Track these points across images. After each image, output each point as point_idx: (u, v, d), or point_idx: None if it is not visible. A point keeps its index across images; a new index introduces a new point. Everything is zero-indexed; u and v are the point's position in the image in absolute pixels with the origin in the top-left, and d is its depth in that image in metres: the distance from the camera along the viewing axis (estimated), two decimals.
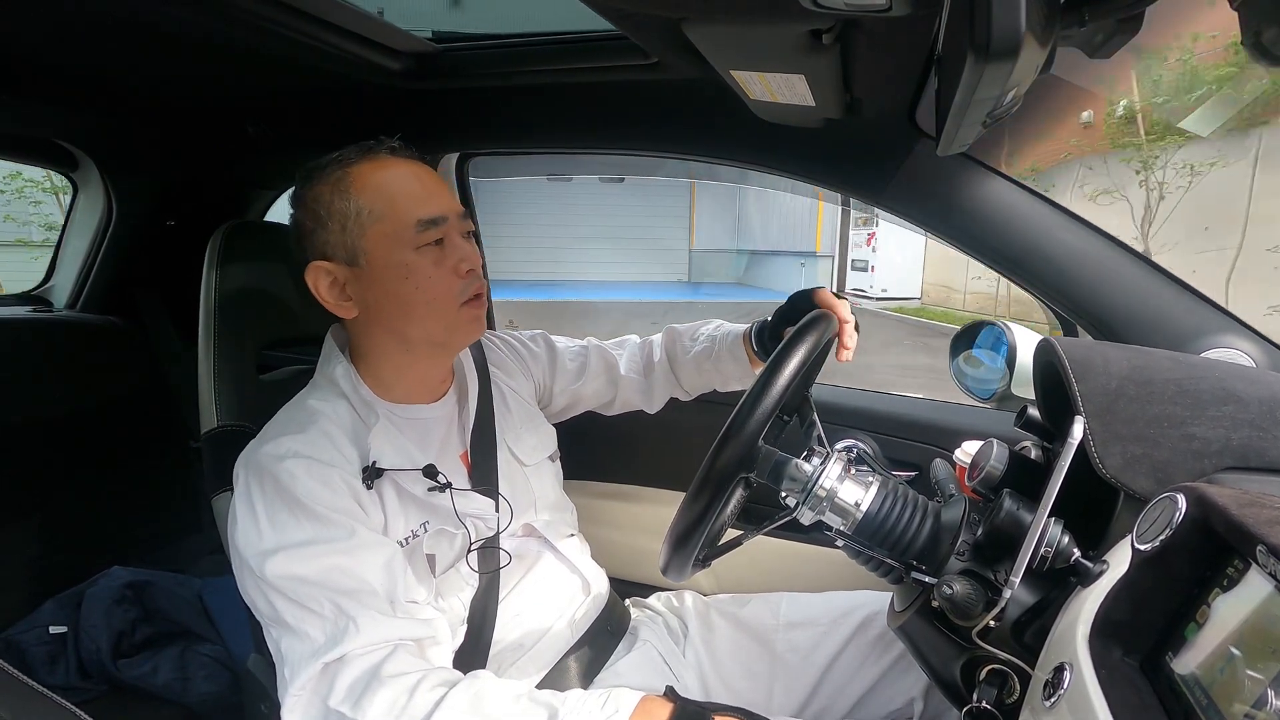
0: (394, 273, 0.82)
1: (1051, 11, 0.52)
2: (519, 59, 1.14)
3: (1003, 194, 1.02)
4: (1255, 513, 0.46)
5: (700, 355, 1.08)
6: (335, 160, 0.84)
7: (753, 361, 1.05)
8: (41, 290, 1.78)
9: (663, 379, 1.14)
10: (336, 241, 0.82)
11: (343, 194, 0.82)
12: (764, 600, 1.06)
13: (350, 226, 0.81)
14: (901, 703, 0.95)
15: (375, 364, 0.89)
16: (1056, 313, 1.10)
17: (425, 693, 0.69)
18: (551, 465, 1.07)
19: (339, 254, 0.82)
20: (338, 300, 0.84)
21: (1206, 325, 0.95)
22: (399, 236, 0.81)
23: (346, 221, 0.81)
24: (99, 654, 1.34)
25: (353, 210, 0.81)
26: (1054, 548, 0.60)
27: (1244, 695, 0.42)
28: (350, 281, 0.83)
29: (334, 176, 0.83)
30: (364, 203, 0.81)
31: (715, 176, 10.64)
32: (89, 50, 1.05)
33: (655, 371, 1.13)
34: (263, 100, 1.31)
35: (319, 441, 0.80)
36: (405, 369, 0.90)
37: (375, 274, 0.82)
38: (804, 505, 0.71)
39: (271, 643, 0.75)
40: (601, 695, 0.72)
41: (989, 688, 0.64)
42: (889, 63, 0.83)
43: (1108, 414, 0.65)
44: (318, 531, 0.75)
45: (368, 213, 0.81)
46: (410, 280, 0.82)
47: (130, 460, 1.67)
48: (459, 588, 0.88)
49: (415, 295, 0.82)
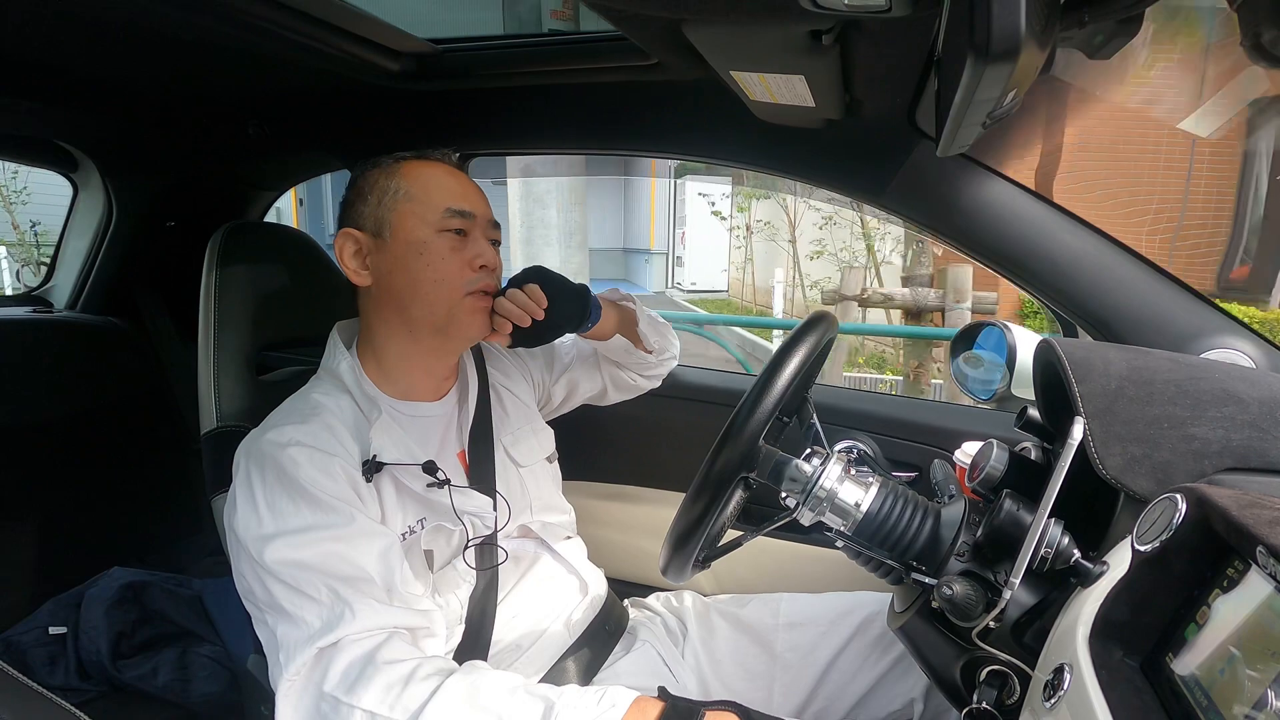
0: (411, 248, 0.87)
1: (1051, 12, 0.52)
2: (519, 59, 1.14)
3: (1002, 195, 1.02)
4: (1255, 513, 0.46)
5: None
6: (395, 155, 0.93)
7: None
8: (42, 291, 1.78)
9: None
10: (369, 213, 0.89)
11: (390, 175, 0.90)
12: (764, 601, 1.06)
13: (385, 201, 0.89)
14: (901, 704, 0.94)
15: (381, 350, 0.91)
16: (1057, 313, 1.10)
17: (420, 682, 0.69)
18: (549, 467, 1.07)
19: (368, 224, 0.89)
20: (357, 268, 0.90)
21: (1206, 326, 0.95)
22: (424, 217, 0.88)
23: (384, 197, 0.89)
24: (99, 655, 1.34)
25: (392, 188, 0.89)
26: (1054, 548, 0.60)
27: (1244, 696, 0.42)
28: (371, 251, 0.89)
29: (388, 164, 0.92)
30: (404, 185, 0.89)
31: (604, 172, 10.37)
32: (89, 51, 1.05)
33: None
34: (263, 100, 1.31)
35: (321, 433, 0.81)
36: (409, 358, 0.91)
37: (394, 246, 0.88)
38: (804, 506, 0.71)
39: (266, 630, 0.75)
40: (598, 691, 0.72)
41: (989, 689, 0.64)
42: (889, 63, 0.83)
43: (1108, 415, 0.65)
44: (317, 518, 0.75)
45: (404, 193, 0.89)
46: (423, 258, 0.87)
47: (130, 461, 1.67)
48: (456, 584, 0.88)
49: (424, 272, 0.87)
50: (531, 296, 0.91)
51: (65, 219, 1.76)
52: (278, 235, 1.19)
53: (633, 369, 1.15)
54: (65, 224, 1.76)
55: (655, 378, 1.20)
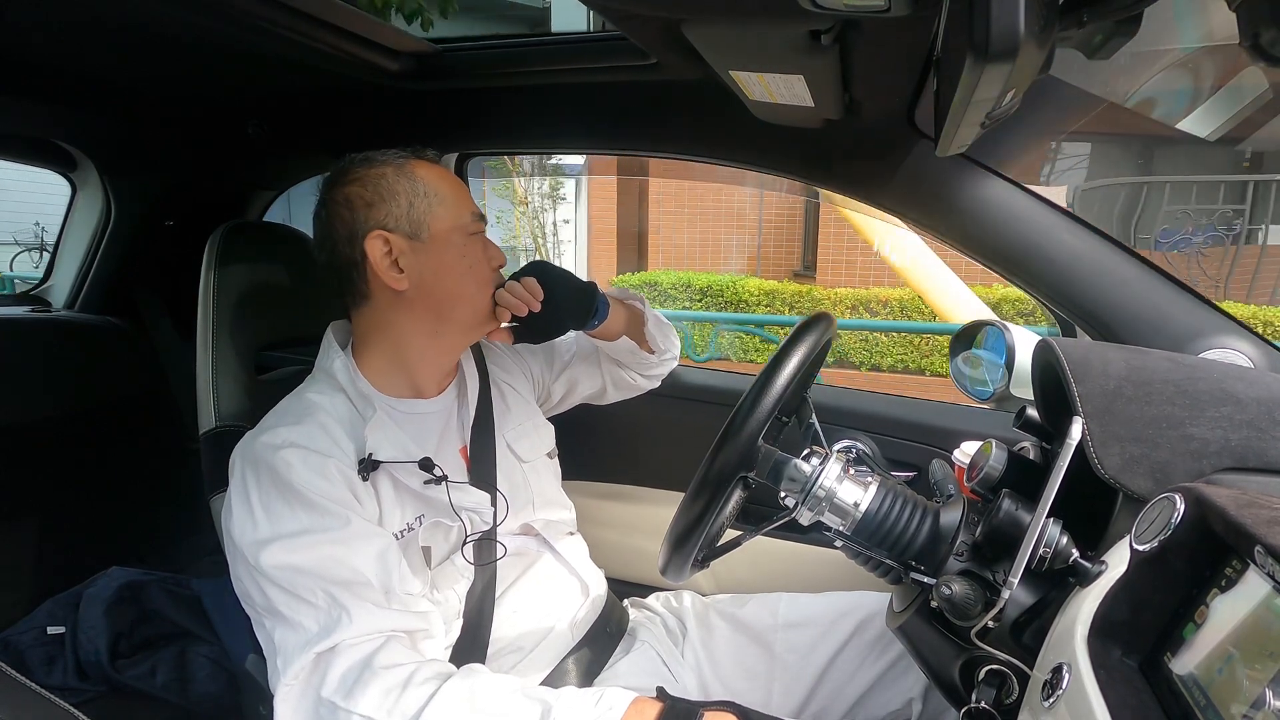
0: (455, 250, 0.89)
1: (1050, 12, 0.52)
2: (518, 59, 1.14)
3: (1001, 195, 1.02)
4: (1253, 513, 0.46)
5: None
6: (391, 152, 0.91)
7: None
8: (40, 290, 1.78)
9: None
10: (401, 215, 0.87)
11: (407, 177, 0.89)
12: (763, 601, 1.06)
13: (417, 203, 0.88)
14: (900, 703, 0.95)
15: (398, 351, 0.90)
16: (1056, 313, 1.10)
17: (418, 686, 0.69)
18: (550, 463, 1.07)
19: (401, 226, 0.87)
20: (389, 270, 0.87)
21: (1205, 326, 0.95)
22: (458, 221, 0.90)
23: (414, 199, 0.88)
24: (97, 655, 1.34)
25: (420, 190, 0.88)
26: (1053, 548, 0.60)
27: (1242, 696, 0.42)
28: (406, 253, 0.87)
29: (395, 163, 0.90)
30: (429, 187, 0.89)
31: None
32: (88, 51, 1.05)
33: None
34: (262, 100, 1.31)
35: (315, 433, 0.81)
36: (427, 353, 0.92)
37: (436, 248, 0.88)
38: (803, 505, 0.71)
39: (264, 634, 0.75)
40: (596, 693, 0.72)
41: (988, 688, 0.64)
42: (888, 63, 0.83)
43: (1106, 415, 0.65)
44: (313, 521, 0.75)
45: (435, 195, 0.89)
46: (465, 260, 0.90)
47: (128, 461, 1.67)
48: (454, 580, 0.88)
49: (469, 273, 0.90)
50: (528, 289, 0.92)
51: (64, 218, 1.75)
52: (276, 235, 1.19)
53: (634, 369, 1.15)
54: (64, 223, 1.76)
55: (655, 378, 1.20)
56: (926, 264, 3.51)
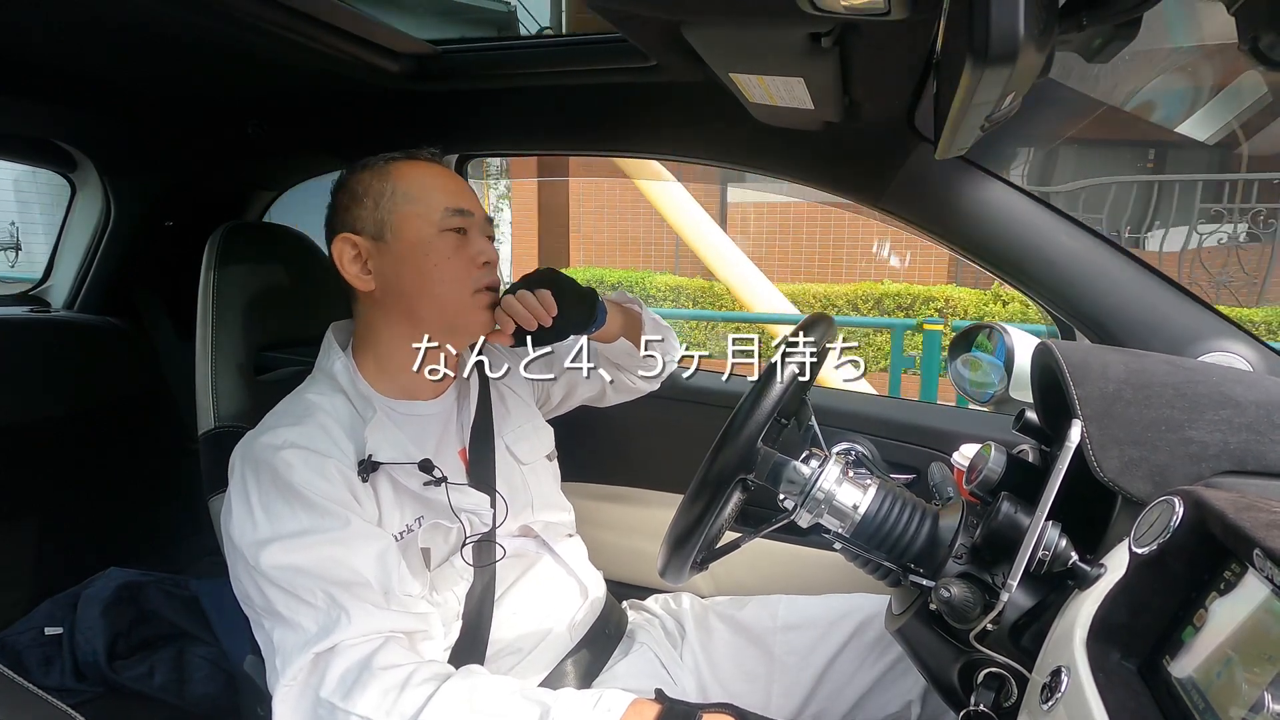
0: (416, 249, 0.86)
1: (1050, 16, 0.52)
2: (518, 60, 1.14)
3: (1000, 198, 1.02)
4: (1252, 516, 0.46)
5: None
6: (382, 156, 0.91)
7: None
8: (39, 290, 1.78)
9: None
10: (367, 217, 0.88)
11: (382, 177, 0.89)
12: (762, 603, 1.06)
13: (383, 204, 0.87)
14: (899, 706, 0.94)
15: (385, 351, 0.90)
16: (1055, 316, 1.10)
17: (416, 686, 0.69)
18: (549, 465, 1.07)
19: (367, 228, 0.88)
20: (358, 273, 0.88)
21: (1204, 329, 0.95)
22: (426, 217, 0.87)
23: (380, 199, 0.87)
24: (95, 655, 1.33)
25: (388, 190, 0.88)
26: (1051, 551, 0.60)
27: (1241, 699, 0.42)
28: (373, 255, 0.87)
29: (378, 166, 0.90)
30: (400, 186, 0.88)
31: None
32: (88, 51, 1.05)
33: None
34: (263, 101, 1.31)
35: (315, 434, 0.81)
36: (413, 355, 0.90)
37: (398, 249, 0.87)
38: (802, 508, 0.71)
39: (263, 635, 0.75)
40: (594, 695, 0.72)
41: (986, 691, 0.64)
42: (887, 66, 0.83)
43: (1105, 417, 0.65)
44: (313, 521, 0.75)
45: (402, 194, 0.87)
46: (430, 258, 0.86)
47: (127, 461, 1.67)
48: (453, 581, 0.88)
49: (433, 273, 0.86)
50: (543, 302, 0.88)
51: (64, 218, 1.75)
52: (276, 235, 1.19)
53: (632, 370, 1.15)
54: (63, 223, 1.76)
55: (655, 380, 1.20)
56: (728, 255, 3.94)
